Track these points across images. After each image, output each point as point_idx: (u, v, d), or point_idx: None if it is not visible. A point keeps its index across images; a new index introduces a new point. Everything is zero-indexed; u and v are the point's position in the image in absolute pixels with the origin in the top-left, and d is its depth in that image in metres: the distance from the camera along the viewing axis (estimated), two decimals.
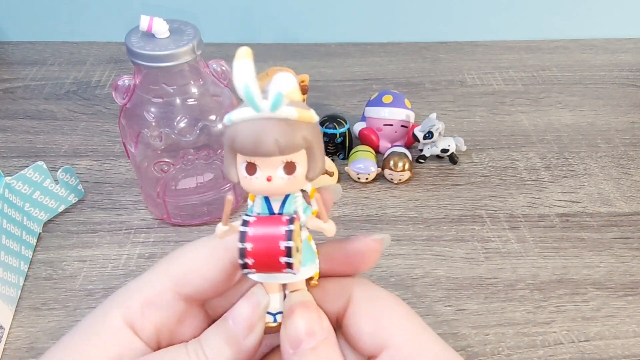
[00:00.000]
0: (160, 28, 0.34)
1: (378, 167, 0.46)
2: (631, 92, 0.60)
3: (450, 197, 0.46)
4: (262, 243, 0.17)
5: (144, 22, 0.34)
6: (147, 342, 0.20)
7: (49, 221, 0.42)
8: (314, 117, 0.17)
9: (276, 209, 0.18)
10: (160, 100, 0.36)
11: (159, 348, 0.20)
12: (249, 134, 0.17)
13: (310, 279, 0.20)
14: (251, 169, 0.17)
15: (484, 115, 0.56)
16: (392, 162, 0.45)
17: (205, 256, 0.20)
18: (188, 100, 0.36)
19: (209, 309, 0.22)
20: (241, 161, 0.17)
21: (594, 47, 0.69)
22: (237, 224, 0.18)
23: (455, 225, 0.43)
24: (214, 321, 0.22)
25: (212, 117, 0.38)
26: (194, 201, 0.41)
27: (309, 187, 0.19)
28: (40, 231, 0.41)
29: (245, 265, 0.17)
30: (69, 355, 0.19)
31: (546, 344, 0.34)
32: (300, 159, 0.17)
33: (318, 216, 0.19)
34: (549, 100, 0.59)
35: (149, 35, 0.34)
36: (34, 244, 0.40)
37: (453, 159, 0.49)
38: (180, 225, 0.42)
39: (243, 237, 0.17)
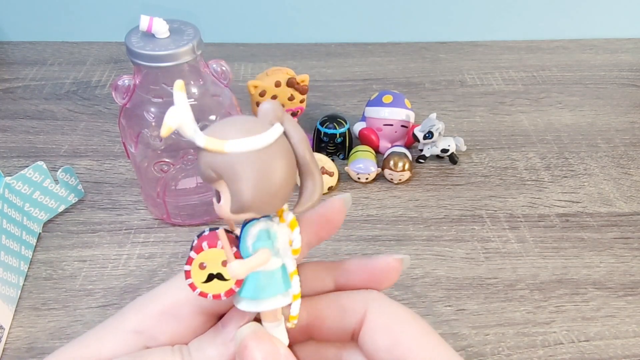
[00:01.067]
0: (160, 28, 0.34)
1: (378, 167, 0.46)
2: (631, 92, 0.60)
3: (450, 197, 0.46)
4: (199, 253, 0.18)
5: (144, 22, 0.34)
6: None
7: (49, 221, 0.42)
8: (224, 148, 0.16)
9: (237, 232, 0.19)
10: (160, 100, 0.36)
11: None
12: None
13: (291, 317, 0.19)
14: None
15: (484, 115, 0.56)
16: (392, 162, 0.45)
17: None
18: (188, 100, 0.36)
19: None
20: None
21: (594, 47, 0.69)
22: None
23: (455, 225, 0.43)
24: None
25: (212, 117, 0.38)
26: (194, 201, 0.41)
27: (289, 216, 0.18)
28: (40, 231, 0.41)
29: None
30: (77, 355, 0.19)
31: (546, 344, 0.34)
32: (223, 189, 0.17)
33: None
34: (549, 100, 0.59)
35: (149, 35, 0.34)
36: (34, 244, 0.40)
37: (453, 159, 0.49)
38: (180, 225, 0.42)
39: (191, 245, 0.18)
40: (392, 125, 0.49)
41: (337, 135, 0.47)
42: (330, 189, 0.46)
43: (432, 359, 0.19)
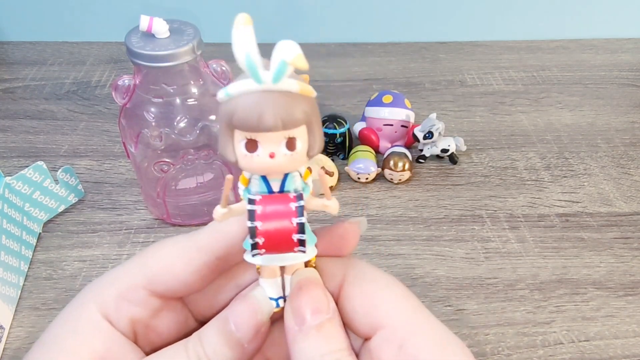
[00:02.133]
0: (160, 28, 0.34)
1: (378, 167, 0.46)
2: (631, 92, 0.60)
3: (450, 197, 0.46)
4: (273, 220, 0.16)
5: (143, 22, 0.34)
6: (125, 334, 0.20)
7: (49, 221, 0.42)
8: (313, 91, 0.17)
9: (276, 189, 0.18)
10: (160, 100, 0.36)
11: (135, 340, 0.20)
12: (250, 108, 0.16)
13: (308, 261, 0.20)
14: (252, 146, 0.16)
15: (484, 115, 0.56)
16: (392, 162, 0.45)
17: (177, 257, 0.20)
18: (188, 100, 0.36)
19: (187, 303, 0.22)
20: (240, 138, 0.16)
21: (594, 47, 0.69)
22: (237, 205, 0.18)
23: (455, 225, 0.43)
24: (193, 314, 0.22)
25: (212, 117, 0.38)
26: (194, 201, 0.41)
27: (302, 168, 0.18)
28: (40, 231, 0.41)
29: (255, 246, 0.17)
30: (57, 356, 0.19)
31: (546, 343, 0.34)
32: (301, 134, 0.17)
33: (316, 195, 0.19)
34: (549, 100, 0.59)
35: (149, 35, 0.34)
36: (34, 244, 0.40)
37: (453, 159, 0.49)
38: (180, 225, 0.42)
39: (252, 215, 0.16)
40: (392, 125, 0.49)
41: (337, 136, 0.47)
42: (330, 188, 0.46)
43: (409, 323, 0.18)
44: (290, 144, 0.16)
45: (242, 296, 0.19)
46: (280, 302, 0.19)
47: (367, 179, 0.46)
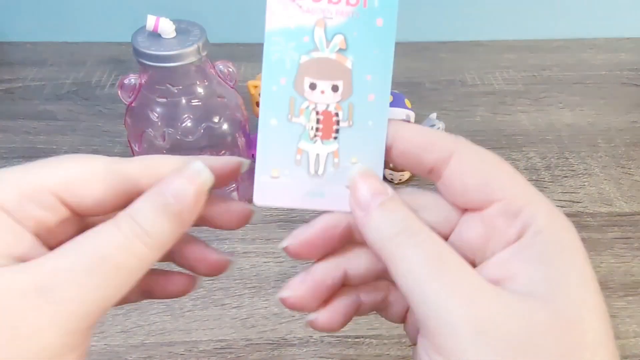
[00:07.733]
0: (167, 28, 0.34)
1: None
2: (632, 92, 0.60)
3: None
4: None
5: (150, 22, 0.34)
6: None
7: None
8: None
9: None
10: (165, 100, 0.36)
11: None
12: None
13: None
14: None
15: (484, 115, 0.56)
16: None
17: (101, 179, 0.19)
18: (192, 100, 0.36)
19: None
20: None
21: (594, 46, 0.69)
22: None
23: None
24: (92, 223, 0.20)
25: (216, 119, 0.38)
26: None
27: None
28: None
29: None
30: None
31: None
32: None
33: None
34: (550, 100, 0.59)
35: (156, 35, 0.34)
36: None
37: None
38: None
39: None
40: None
41: None
42: None
43: (526, 197, 0.20)
44: None
45: (177, 171, 0.19)
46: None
47: None
